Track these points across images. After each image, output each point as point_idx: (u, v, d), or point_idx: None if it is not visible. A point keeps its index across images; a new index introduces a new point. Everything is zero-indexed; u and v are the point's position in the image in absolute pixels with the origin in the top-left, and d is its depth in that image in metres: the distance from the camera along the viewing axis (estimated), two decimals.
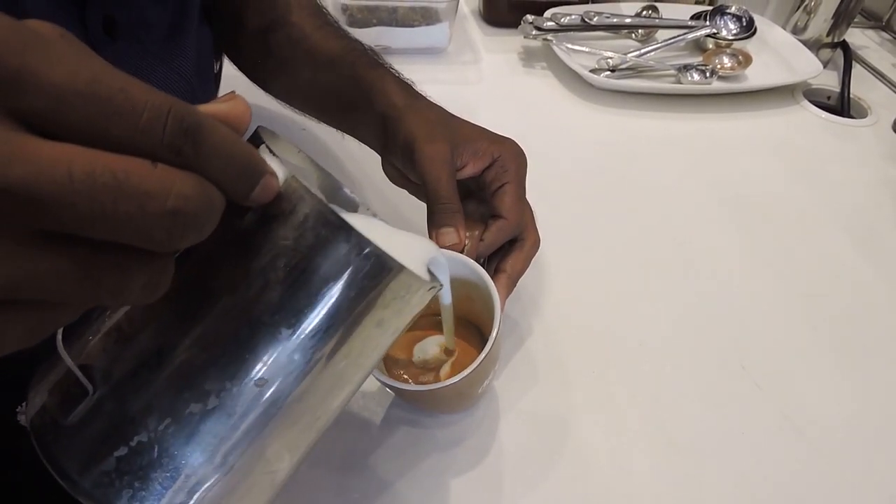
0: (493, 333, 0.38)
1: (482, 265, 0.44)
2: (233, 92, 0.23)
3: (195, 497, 0.23)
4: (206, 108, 0.21)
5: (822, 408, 0.49)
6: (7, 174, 0.16)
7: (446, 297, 0.39)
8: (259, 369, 0.23)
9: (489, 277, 0.41)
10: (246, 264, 0.23)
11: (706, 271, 0.60)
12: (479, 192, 0.48)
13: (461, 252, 0.43)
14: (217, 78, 0.65)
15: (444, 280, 0.33)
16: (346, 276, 0.23)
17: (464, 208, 0.44)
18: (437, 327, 0.43)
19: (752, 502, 0.43)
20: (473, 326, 0.46)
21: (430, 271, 0.32)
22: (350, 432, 0.45)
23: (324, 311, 0.23)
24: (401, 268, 0.24)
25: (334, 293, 0.23)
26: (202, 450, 0.23)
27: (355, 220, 0.23)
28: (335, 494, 0.42)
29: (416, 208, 0.47)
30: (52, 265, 0.17)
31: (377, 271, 0.24)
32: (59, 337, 0.24)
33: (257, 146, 0.25)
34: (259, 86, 0.62)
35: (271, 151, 0.24)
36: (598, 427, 0.47)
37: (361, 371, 0.27)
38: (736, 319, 0.55)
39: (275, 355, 0.23)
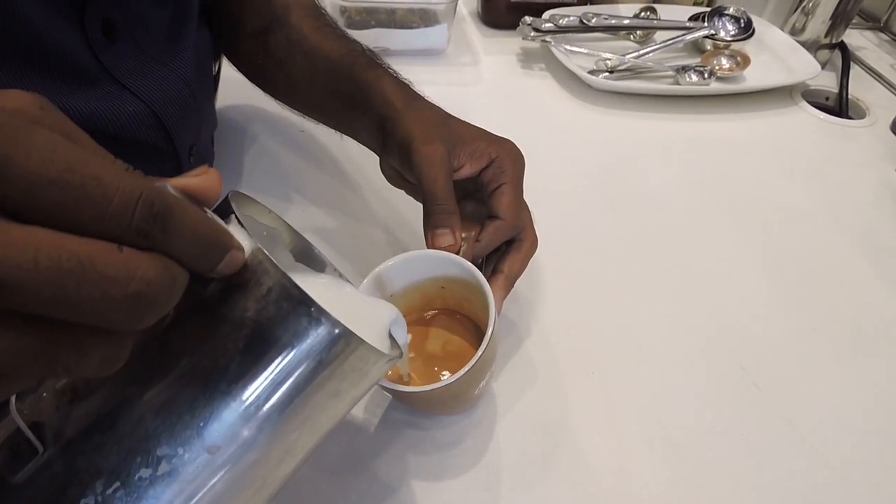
0: (488, 334, 0.38)
1: (480, 266, 0.43)
2: (205, 165, 0.24)
3: None
4: (177, 181, 0.22)
5: (821, 409, 0.49)
6: None
7: (404, 365, 0.41)
8: (212, 437, 0.23)
9: (484, 278, 0.41)
10: (206, 332, 0.24)
11: (704, 272, 0.60)
12: (476, 192, 0.48)
13: (457, 253, 0.43)
14: (216, 79, 0.65)
15: (403, 339, 0.34)
16: (305, 348, 0.24)
17: (461, 209, 0.44)
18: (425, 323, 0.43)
19: (751, 502, 0.43)
20: (474, 325, 0.46)
21: (391, 334, 0.33)
22: (348, 434, 0.45)
23: (281, 382, 0.24)
24: (360, 342, 0.25)
25: (292, 365, 0.24)
26: None
27: (322, 284, 0.24)
28: (332, 495, 0.42)
29: (414, 209, 0.47)
30: (10, 343, 0.18)
31: (336, 345, 0.24)
32: (13, 399, 0.24)
33: (227, 214, 0.26)
34: (258, 86, 0.62)
35: (239, 222, 0.25)
36: (596, 428, 0.47)
37: (314, 439, 0.28)
38: (735, 320, 0.55)
39: (229, 423, 0.23)
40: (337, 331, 0.24)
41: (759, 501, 0.43)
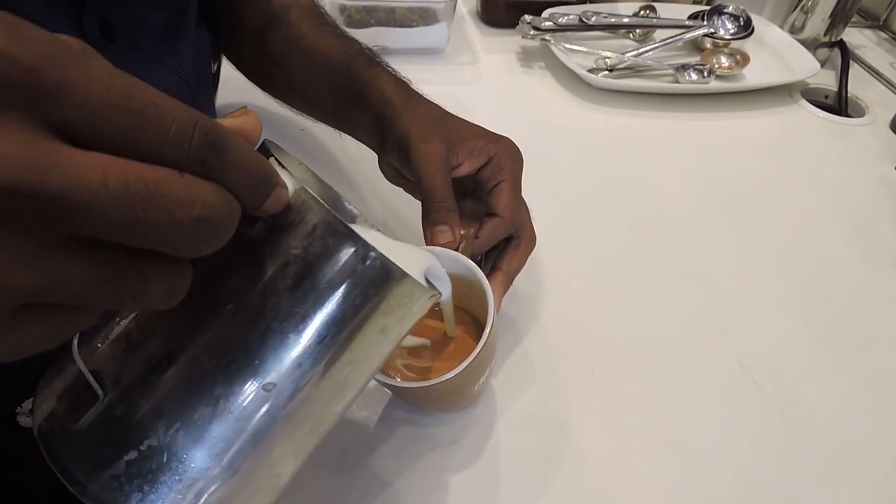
0: (487, 330, 0.38)
1: (479, 263, 0.44)
2: (244, 107, 0.24)
3: (202, 499, 0.23)
4: (221, 122, 0.22)
5: (821, 406, 0.49)
6: (46, 182, 0.16)
7: (446, 297, 0.40)
8: (267, 374, 0.23)
9: (483, 274, 0.41)
10: (255, 272, 0.24)
11: (704, 270, 0.60)
12: (475, 190, 0.48)
13: (456, 250, 0.43)
14: (215, 78, 0.65)
15: (442, 288, 0.35)
16: (352, 283, 0.24)
17: (460, 207, 0.45)
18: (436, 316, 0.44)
19: (751, 500, 0.43)
20: (475, 320, 0.46)
21: (427, 280, 0.33)
22: (348, 430, 0.45)
23: (331, 318, 0.24)
24: (405, 276, 0.25)
25: (341, 300, 0.24)
26: (210, 453, 0.23)
27: (358, 231, 0.24)
28: (333, 492, 0.42)
29: (413, 206, 0.47)
30: (80, 270, 0.18)
31: (382, 279, 0.25)
32: (75, 343, 0.24)
33: (267, 157, 0.26)
34: (257, 85, 0.62)
35: (280, 164, 0.26)
36: (595, 426, 0.47)
37: (364, 376, 0.28)
38: (734, 318, 0.55)
39: (283, 361, 0.24)
40: (383, 263, 0.24)
41: (757, 498, 0.43)
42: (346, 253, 0.24)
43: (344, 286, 0.24)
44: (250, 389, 0.23)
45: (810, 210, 0.68)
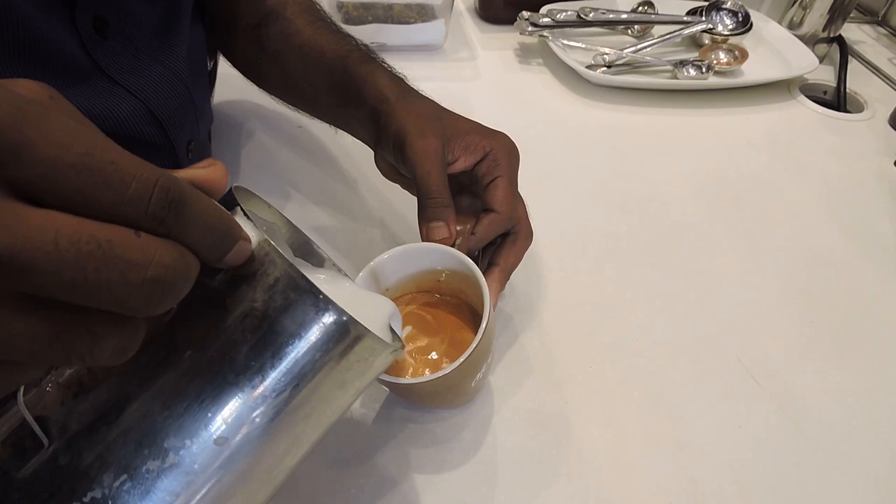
0: (483, 327, 0.38)
1: (476, 259, 0.43)
2: (211, 159, 0.24)
3: None
4: (185, 172, 0.22)
5: (819, 402, 0.49)
6: None
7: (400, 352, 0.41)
8: (220, 428, 0.23)
9: (479, 270, 0.41)
10: (214, 323, 0.24)
11: (702, 266, 0.60)
12: (471, 186, 0.48)
13: (452, 245, 0.43)
14: (211, 76, 0.65)
15: (400, 332, 0.35)
16: (312, 339, 0.24)
17: (457, 203, 0.44)
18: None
19: (750, 496, 0.43)
20: (475, 315, 0.46)
21: (390, 327, 0.33)
22: (346, 428, 0.45)
23: (288, 373, 0.24)
24: (366, 332, 0.25)
25: (299, 355, 0.24)
26: None
27: (322, 279, 0.24)
28: (331, 489, 0.42)
29: (409, 203, 0.47)
30: (26, 328, 0.18)
31: (343, 335, 0.25)
32: (21, 391, 0.23)
33: (232, 206, 0.26)
34: (253, 82, 0.62)
35: (245, 214, 0.25)
36: (594, 422, 0.47)
37: (319, 430, 0.28)
38: (732, 314, 0.55)
39: (237, 414, 0.23)
40: (344, 320, 0.24)
41: (756, 493, 0.43)
42: (308, 308, 0.24)
43: (303, 341, 0.24)
44: (202, 443, 0.23)
45: (809, 206, 0.68)
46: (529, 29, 0.87)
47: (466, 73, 0.86)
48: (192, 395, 0.23)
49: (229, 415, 0.23)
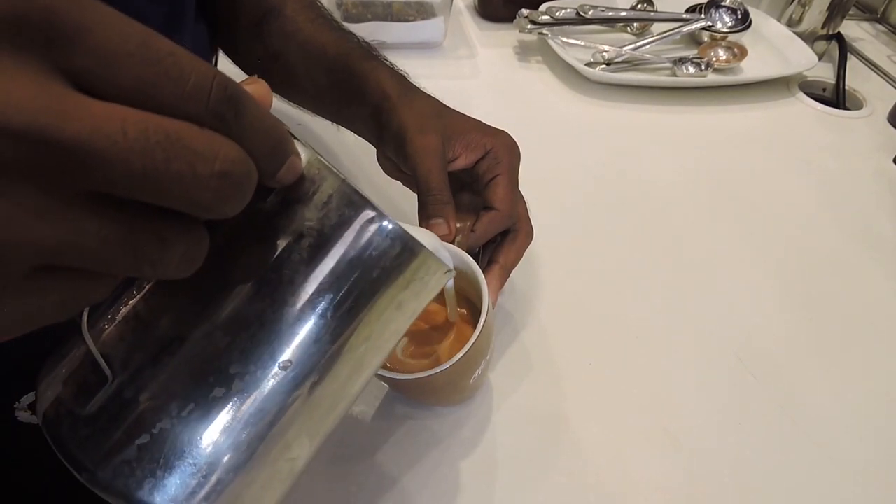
0: (481, 324, 0.38)
1: (476, 256, 0.43)
2: (255, 76, 0.23)
3: (218, 483, 0.23)
4: None
5: (818, 399, 0.49)
6: (63, 129, 0.15)
7: (450, 282, 0.40)
8: (284, 352, 0.23)
9: (478, 268, 0.41)
10: (270, 246, 0.23)
11: (701, 263, 0.60)
12: (472, 183, 0.48)
13: (452, 243, 0.43)
14: None
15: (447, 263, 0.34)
16: (369, 255, 0.23)
17: (457, 200, 0.44)
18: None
19: (748, 492, 0.43)
20: (476, 311, 0.46)
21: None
22: (346, 424, 0.45)
23: (348, 291, 0.23)
24: (422, 248, 0.24)
25: (358, 273, 0.23)
26: (226, 435, 0.22)
27: None
28: (331, 486, 0.42)
29: (411, 200, 0.47)
30: (97, 229, 0.17)
31: (400, 252, 0.24)
32: (84, 318, 0.23)
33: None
34: None
35: (292, 134, 0.24)
36: (593, 419, 0.47)
37: (380, 354, 0.27)
38: (732, 311, 0.55)
39: (300, 337, 0.23)
40: (401, 233, 0.24)
41: (755, 491, 0.43)
42: (364, 224, 0.23)
43: (360, 258, 0.23)
44: (267, 367, 0.23)
45: (808, 203, 0.68)
46: (529, 27, 0.87)
47: (466, 71, 0.86)
48: (254, 319, 0.23)
49: (292, 337, 0.23)
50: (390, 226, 0.23)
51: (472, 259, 0.41)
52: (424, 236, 0.33)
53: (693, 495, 0.43)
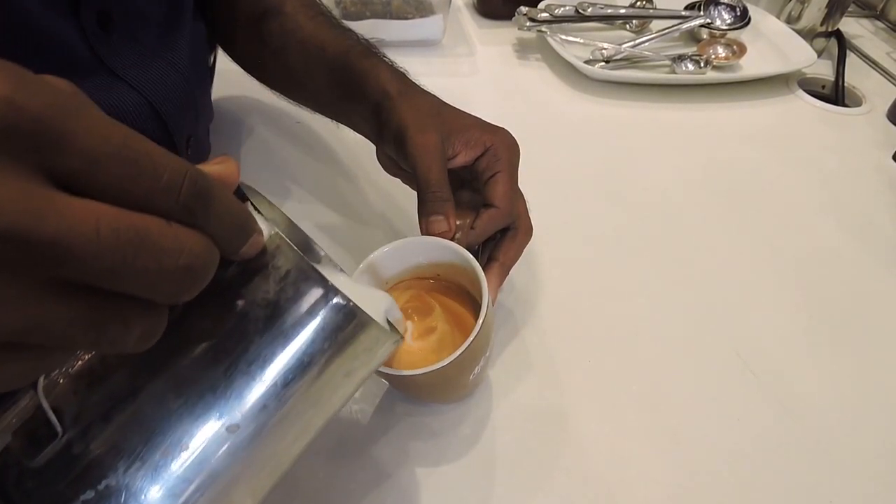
0: (480, 320, 0.38)
1: (476, 253, 0.43)
2: (225, 155, 0.25)
3: None
4: (203, 167, 0.23)
5: (817, 395, 0.49)
6: (42, 228, 0.17)
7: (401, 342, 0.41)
8: (233, 416, 0.24)
9: (478, 264, 0.41)
10: (226, 314, 0.24)
11: (701, 260, 0.60)
12: (472, 181, 0.48)
13: (451, 240, 0.43)
14: (211, 70, 0.65)
15: (401, 322, 0.36)
16: (321, 328, 0.25)
17: (457, 198, 0.44)
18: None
19: (747, 489, 0.43)
20: (475, 303, 0.46)
21: (388, 321, 0.34)
22: (346, 422, 0.46)
23: (298, 361, 0.25)
24: (371, 322, 0.26)
25: (309, 344, 0.25)
26: (169, 494, 0.23)
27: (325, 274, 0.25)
28: (331, 483, 0.42)
29: (410, 197, 0.47)
30: (63, 313, 0.18)
31: (351, 325, 0.25)
32: (41, 381, 0.24)
33: (243, 202, 0.26)
34: (254, 77, 0.62)
35: (256, 209, 0.26)
36: (593, 416, 0.47)
37: (324, 418, 0.28)
38: (731, 307, 0.55)
39: (248, 402, 0.24)
40: (351, 310, 0.25)
41: (755, 486, 0.44)
42: (317, 298, 0.24)
43: (313, 331, 0.25)
44: (214, 430, 0.24)
45: (807, 200, 0.68)
46: (528, 24, 0.87)
47: (465, 69, 0.86)
48: (205, 383, 0.24)
49: (241, 402, 0.24)
50: (342, 302, 0.25)
51: (471, 256, 0.41)
52: (376, 299, 0.34)
53: (692, 491, 0.43)
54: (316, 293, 0.24)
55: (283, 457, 0.27)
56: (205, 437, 0.23)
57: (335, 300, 0.25)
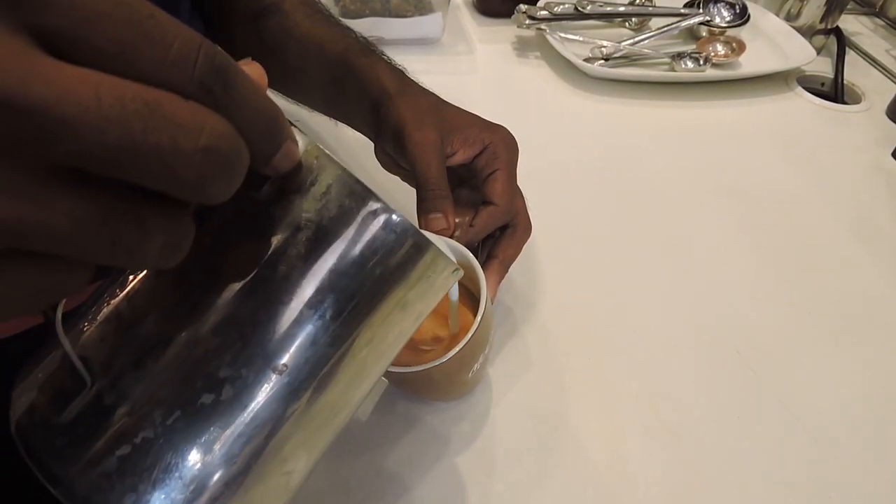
0: (479, 317, 0.38)
1: (475, 251, 0.43)
2: (249, 58, 0.21)
3: (209, 501, 0.21)
4: None
5: (816, 392, 0.49)
6: (27, 92, 0.14)
7: (454, 290, 0.39)
8: (279, 355, 0.21)
9: (477, 261, 0.41)
10: (264, 240, 0.21)
11: (701, 258, 0.60)
12: (470, 179, 0.48)
13: (450, 237, 0.43)
14: None
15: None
16: (371, 250, 0.22)
17: (456, 196, 0.44)
18: None
19: (748, 487, 0.43)
20: (475, 300, 0.45)
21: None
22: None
23: (348, 290, 0.22)
24: (428, 243, 0.23)
25: (359, 269, 0.22)
26: (214, 447, 0.20)
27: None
28: (331, 481, 0.42)
29: (409, 196, 0.47)
30: (69, 207, 0.15)
31: (406, 248, 0.22)
32: (59, 316, 0.21)
33: None
34: None
35: (289, 121, 0.22)
36: (593, 413, 0.47)
37: (383, 360, 0.25)
38: (731, 305, 0.55)
39: (296, 339, 0.21)
40: (405, 229, 0.22)
41: (754, 484, 0.44)
42: (366, 216, 0.21)
43: (362, 253, 0.21)
44: (260, 372, 0.21)
45: (807, 197, 0.68)
46: (527, 22, 0.87)
47: (464, 67, 0.86)
48: (246, 319, 0.21)
49: (287, 339, 0.21)
50: (396, 219, 0.21)
51: (470, 253, 0.41)
52: (428, 234, 0.32)
53: (692, 489, 0.43)
54: (365, 210, 0.21)
55: (338, 404, 0.24)
56: (249, 380, 0.20)
57: (385, 217, 0.21)
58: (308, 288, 0.21)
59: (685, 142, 0.75)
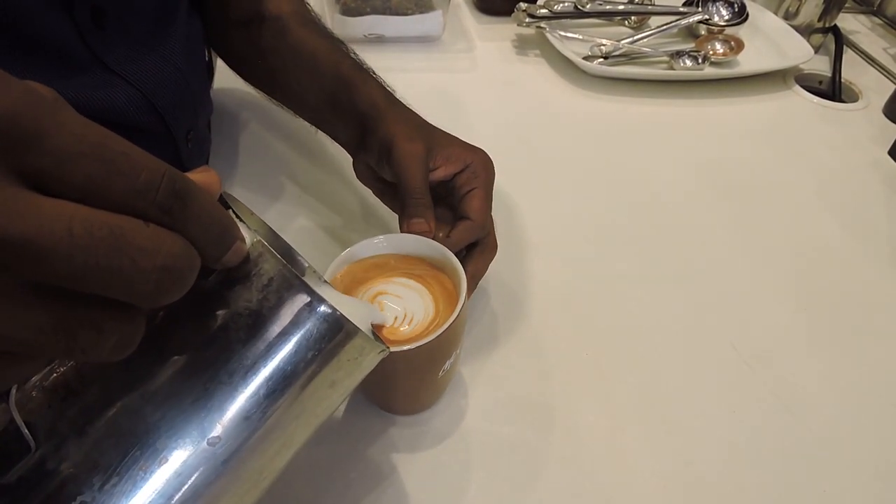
0: (457, 310, 0.38)
1: None
2: (206, 165, 0.24)
3: None
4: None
5: (811, 387, 0.50)
6: (10, 228, 0.16)
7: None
8: (213, 428, 0.23)
9: (456, 258, 0.42)
10: (207, 323, 0.24)
11: (697, 254, 0.60)
12: (447, 197, 0.49)
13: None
14: (210, 67, 0.65)
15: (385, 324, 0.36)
16: (305, 337, 0.24)
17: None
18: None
19: (743, 481, 0.44)
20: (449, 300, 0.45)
21: (372, 331, 0.33)
22: (339, 419, 0.46)
23: (282, 371, 0.24)
24: (357, 331, 0.25)
25: (293, 354, 0.24)
26: None
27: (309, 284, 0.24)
28: (322, 484, 0.42)
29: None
30: (33, 319, 0.18)
31: (335, 334, 0.25)
32: (13, 392, 0.23)
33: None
34: (240, 76, 0.63)
35: (238, 217, 0.25)
36: (589, 409, 0.47)
37: (308, 431, 0.28)
38: (726, 300, 0.56)
39: (230, 414, 0.23)
40: (336, 319, 0.24)
41: (749, 478, 0.44)
42: (301, 307, 0.24)
43: (297, 340, 0.24)
44: (195, 443, 0.23)
45: (804, 195, 0.68)
46: (527, 20, 0.87)
47: (464, 65, 0.86)
48: (185, 395, 0.23)
49: (222, 414, 0.23)
50: (327, 309, 0.24)
51: (447, 250, 0.42)
52: (361, 310, 0.34)
53: (688, 483, 0.43)
54: (300, 301, 0.24)
55: (266, 470, 0.26)
56: (185, 450, 0.23)
57: (320, 308, 0.24)
58: (245, 369, 0.24)
59: (683, 139, 0.75)
